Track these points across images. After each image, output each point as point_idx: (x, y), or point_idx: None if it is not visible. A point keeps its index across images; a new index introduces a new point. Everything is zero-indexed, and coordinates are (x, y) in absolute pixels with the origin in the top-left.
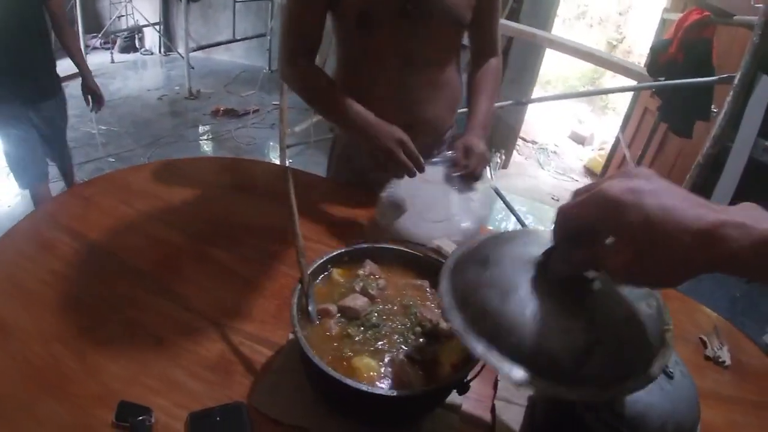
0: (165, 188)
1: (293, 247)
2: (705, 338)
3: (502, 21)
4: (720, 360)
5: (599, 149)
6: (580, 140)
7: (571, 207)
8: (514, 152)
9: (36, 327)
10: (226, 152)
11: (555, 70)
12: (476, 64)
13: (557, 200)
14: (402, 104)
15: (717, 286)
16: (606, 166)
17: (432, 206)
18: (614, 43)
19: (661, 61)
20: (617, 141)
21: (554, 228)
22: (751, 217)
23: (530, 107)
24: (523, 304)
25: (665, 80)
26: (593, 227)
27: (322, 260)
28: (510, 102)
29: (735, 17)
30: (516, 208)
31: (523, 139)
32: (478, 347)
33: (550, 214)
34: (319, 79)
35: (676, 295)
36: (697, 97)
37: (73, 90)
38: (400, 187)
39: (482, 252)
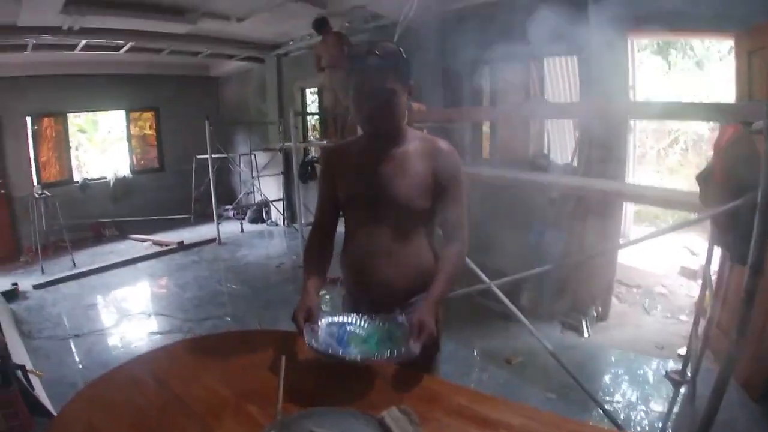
0: (232, 354)
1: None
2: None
3: (572, 178)
4: None
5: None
6: (691, 275)
7: None
8: (615, 300)
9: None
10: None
11: None
12: (444, 244)
13: (662, 348)
14: (364, 266)
15: None
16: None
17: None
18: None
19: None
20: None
21: None
22: None
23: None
24: None
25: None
26: None
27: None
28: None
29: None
30: (607, 365)
31: (625, 285)
32: None
33: (653, 365)
34: (314, 244)
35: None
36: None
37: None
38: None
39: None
